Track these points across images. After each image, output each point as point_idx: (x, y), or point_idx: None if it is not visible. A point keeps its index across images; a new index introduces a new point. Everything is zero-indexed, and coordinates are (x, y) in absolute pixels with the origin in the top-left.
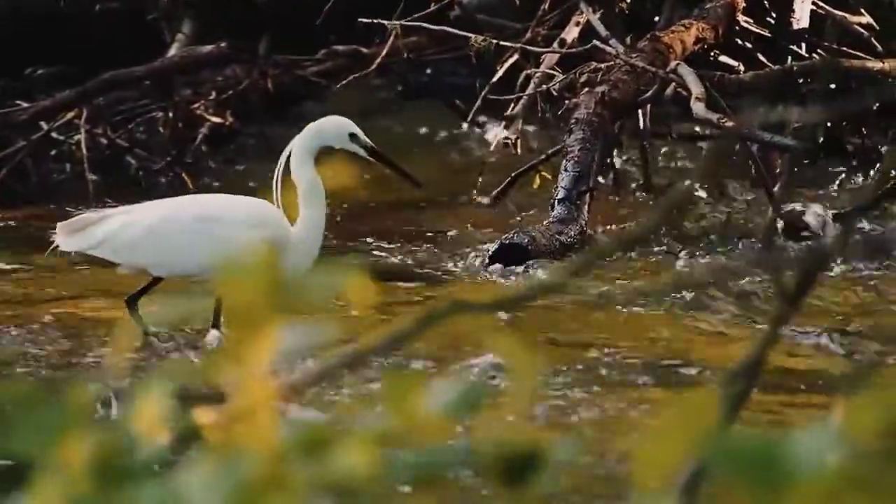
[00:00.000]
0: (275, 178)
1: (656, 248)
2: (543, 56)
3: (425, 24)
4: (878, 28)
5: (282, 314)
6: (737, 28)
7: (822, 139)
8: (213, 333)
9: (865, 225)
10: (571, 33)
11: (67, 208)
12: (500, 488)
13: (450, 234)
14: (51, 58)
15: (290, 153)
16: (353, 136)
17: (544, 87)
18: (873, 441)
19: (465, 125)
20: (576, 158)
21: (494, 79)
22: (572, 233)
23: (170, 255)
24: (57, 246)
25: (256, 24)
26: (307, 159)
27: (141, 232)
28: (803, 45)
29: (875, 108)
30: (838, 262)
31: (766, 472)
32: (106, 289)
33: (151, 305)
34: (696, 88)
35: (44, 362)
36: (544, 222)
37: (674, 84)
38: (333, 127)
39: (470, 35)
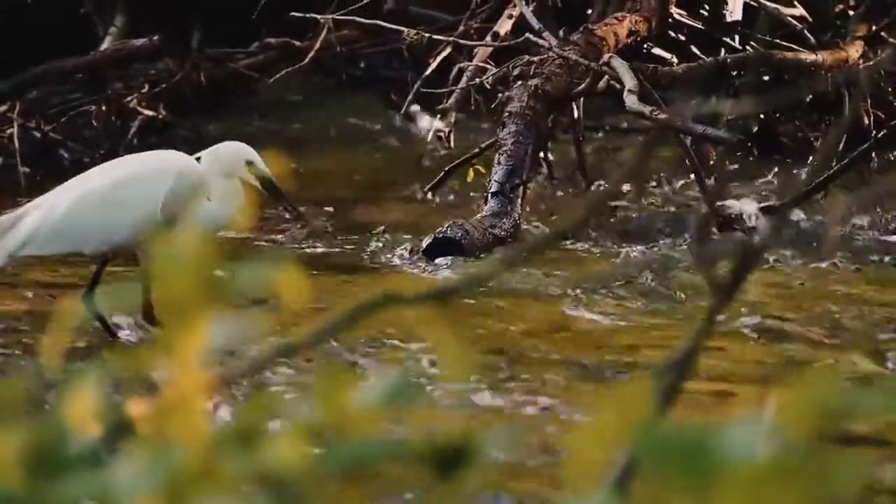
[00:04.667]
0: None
1: (587, 242)
2: (476, 49)
3: (357, 18)
4: (811, 20)
5: (214, 306)
6: (670, 20)
7: (755, 132)
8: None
9: (799, 217)
10: (504, 26)
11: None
12: (432, 480)
13: (382, 227)
14: None
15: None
16: (249, 164)
17: (477, 80)
18: (804, 434)
19: (398, 118)
20: (509, 152)
21: (427, 72)
22: (506, 226)
23: (98, 229)
24: None
25: (188, 16)
26: (215, 181)
27: (62, 216)
28: (736, 37)
29: (809, 100)
30: (770, 254)
31: (696, 465)
32: (41, 282)
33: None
34: (629, 81)
35: None
36: (478, 216)
37: (607, 77)
38: (229, 155)
39: (402, 28)
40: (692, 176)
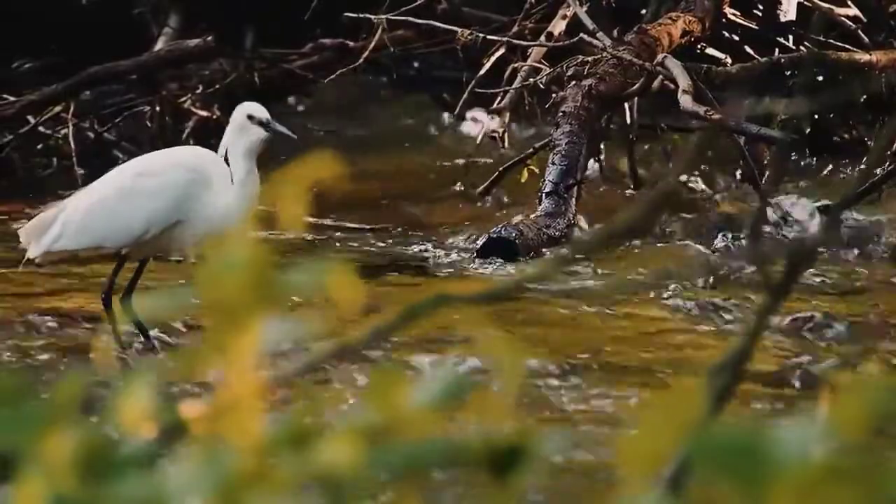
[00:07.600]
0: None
1: (643, 241)
2: (530, 49)
3: (411, 18)
4: (865, 20)
5: (266, 307)
6: (724, 20)
7: (808, 131)
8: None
9: (851, 217)
10: (558, 26)
11: (54, 202)
12: (488, 482)
13: (437, 227)
14: (38, 51)
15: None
16: (250, 118)
17: (531, 80)
18: (858, 434)
19: (450, 118)
20: (563, 152)
21: (481, 72)
22: (560, 226)
23: (117, 222)
24: (31, 259)
25: (242, 17)
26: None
27: (87, 210)
28: (790, 37)
29: (862, 100)
30: (823, 253)
31: (750, 465)
32: (95, 282)
33: (139, 300)
34: (683, 81)
35: (32, 356)
36: (532, 216)
37: (661, 77)
38: (234, 118)
39: (456, 29)
40: (746, 175)
